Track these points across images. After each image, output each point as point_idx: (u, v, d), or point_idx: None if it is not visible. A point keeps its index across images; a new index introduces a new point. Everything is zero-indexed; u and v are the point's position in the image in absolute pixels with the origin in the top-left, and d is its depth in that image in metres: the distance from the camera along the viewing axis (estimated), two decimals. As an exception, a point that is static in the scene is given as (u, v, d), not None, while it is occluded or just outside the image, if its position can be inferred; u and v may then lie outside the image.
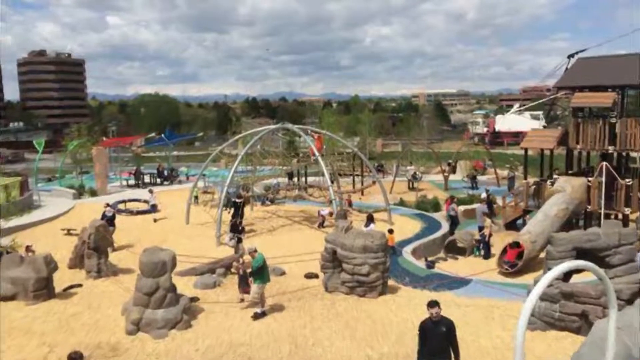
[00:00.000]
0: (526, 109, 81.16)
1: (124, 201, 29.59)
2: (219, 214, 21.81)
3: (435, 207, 27.81)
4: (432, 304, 8.55)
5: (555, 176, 24.25)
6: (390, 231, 19.40)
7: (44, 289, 14.47)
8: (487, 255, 20.36)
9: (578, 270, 9.95)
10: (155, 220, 25.82)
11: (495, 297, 14.25)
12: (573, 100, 24.08)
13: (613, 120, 22.28)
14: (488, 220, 21.18)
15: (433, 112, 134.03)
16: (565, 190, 21.36)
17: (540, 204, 22.66)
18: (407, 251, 19.54)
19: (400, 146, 66.53)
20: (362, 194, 31.55)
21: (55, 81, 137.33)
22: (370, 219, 20.38)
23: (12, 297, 14.29)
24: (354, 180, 35.02)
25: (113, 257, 18.34)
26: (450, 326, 8.52)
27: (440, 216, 25.65)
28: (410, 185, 35.46)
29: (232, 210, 22.34)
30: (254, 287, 13.05)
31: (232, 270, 16.22)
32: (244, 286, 13.93)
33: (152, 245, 14.21)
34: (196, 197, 28.12)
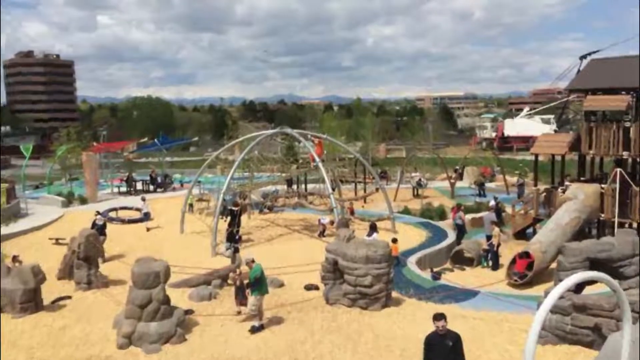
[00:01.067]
0: (536, 113, 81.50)
1: (115, 209, 29.62)
2: (215, 222, 21.84)
3: (441, 215, 27.83)
4: (438, 316, 8.57)
5: (567, 183, 24.27)
6: (394, 240, 19.40)
7: (31, 301, 14.49)
8: (496, 266, 20.37)
9: (591, 282, 9.96)
10: (148, 229, 25.84)
11: (504, 310, 14.26)
12: (585, 103, 24.14)
13: (627, 124, 22.34)
14: (496, 229, 21.19)
15: (439, 115, 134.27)
16: (578, 198, 21.37)
17: (551, 212, 22.67)
18: (411, 261, 19.55)
19: (404, 151, 66.63)
20: (365, 201, 31.56)
21: (44, 83, 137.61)
22: (373, 228, 20.36)
23: (-2, 310, 14.30)
24: (356, 187, 35.06)
25: (104, 268, 18.33)
26: (456, 340, 8.53)
27: (446, 225, 25.65)
28: (415, 193, 35.48)
29: (229, 218, 22.35)
30: (252, 299, 13.06)
31: (229, 281, 16.24)
32: (241, 298, 13.94)
33: (145, 256, 14.25)
34: (191, 205, 28.15)
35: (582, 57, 29.35)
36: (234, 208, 22.30)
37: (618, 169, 21.86)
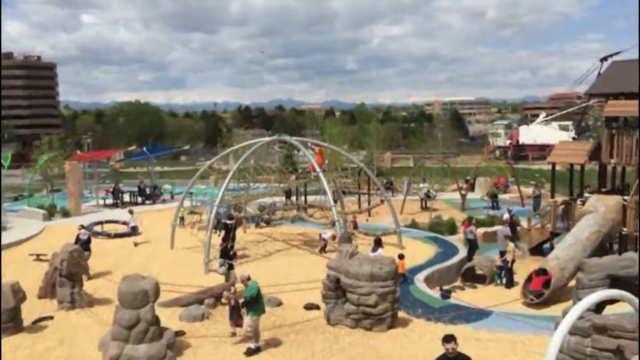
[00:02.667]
0: (553, 119, 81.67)
1: (100, 223, 29.64)
2: (208, 237, 21.86)
3: (452, 229, 27.87)
4: (448, 338, 8.61)
5: (586, 195, 24.31)
6: (401, 257, 19.44)
7: (10, 322, 14.50)
8: (510, 284, 20.37)
9: (612, 301, 10.00)
10: (135, 244, 25.87)
11: (518, 331, 14.26)
12: (606, 109, 24.23)
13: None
14: (511, 245, 21.23)
15: (449, 122, 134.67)
16: (598, 211, 21.40)
17: (570, 226, 22.71)
18: (419, 279, 19.56)
19: (411, 161, 66.75)
20: (369, 214, 31.60)
21: (23, 87, 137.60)
22: (378, 243, 20.43)
23: (-26, 331, 14.31)
24: (359, 199, 35.11)
25: (88, 286, 18.35)
26: (468, 363, 8.57)
27: (456, 240, 25.69)
28: (423, 205, 35.54)
29: (223, 232, 22.40)
30: (247, 319, 13.10)
31: (223, 300, 16.25)
32: (235, 318, 13.97)
33: (133, 273, 14.27)
34: (182, 218, 28.19)
35: (603, 59, 29.58)
36: (228, 222, 22.35)
37: (641, 180, 21.92)
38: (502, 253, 21.36)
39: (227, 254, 20.33)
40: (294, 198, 33.96)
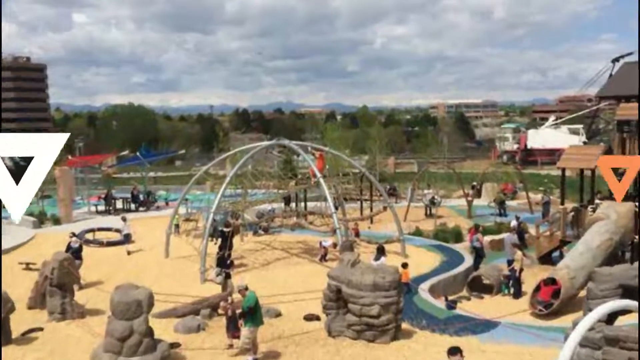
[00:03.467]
0: (563, 122, 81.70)
1: (92, 230, 29.66)
2: (204, 245, 21.89)
3: (457, 237, 27.86)
4: (454, 350, 8.62)
5: (597, 201, 24.34)
6: (405, 265, 19.45)
7: (-1, 333, 14.53)
8: (518, 294, 20.38)
9: (624, 312, 10.02)
10: (129, 253, 25.88)
11: (527, 343, 14.28)
12: (618, 112, 24.35)
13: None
14: (519, 253, 21.23)
15: (454, 125, 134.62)
16: (610, 218, 21.42)
17: (580, 233, 22.72)
18: (424, 289, 19.57)
19: (415, 166, 66.81)
20: (372, 221, 31.59)
21: (12, 89, 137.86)
22: (380, 252, 20.44)
23: (-39, 343, 14.31)
24: (361, 206, 35.12)
25: (79, 296, 18.39)
26: (474, 376, 8.58)
27: (462, 248, 25.69)
28: (428, 212, 35.53)
29: (219, 241, 22.41)
30: (245, 330, 13.11)
31: (219, 311, 16.28)
32: (233, 330, 13.98)
33: (126, 282, 14.29)
34: (177, 226, 28.18)
35: (615, 60, 29.65)
36: (225, 229, 22.34)
37: (654, 186, 21.95)
38: (510, 262, 21.37)
39: (224, 263, 20.36)
40: (293, 205, 33.97)
